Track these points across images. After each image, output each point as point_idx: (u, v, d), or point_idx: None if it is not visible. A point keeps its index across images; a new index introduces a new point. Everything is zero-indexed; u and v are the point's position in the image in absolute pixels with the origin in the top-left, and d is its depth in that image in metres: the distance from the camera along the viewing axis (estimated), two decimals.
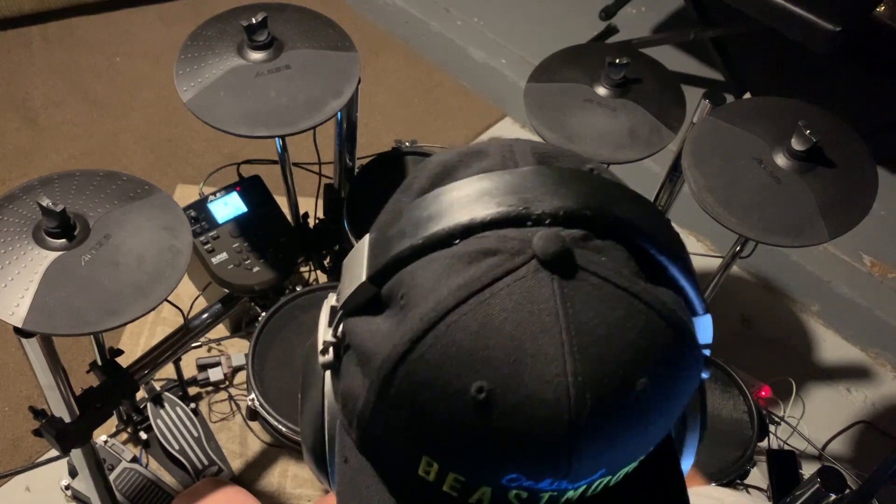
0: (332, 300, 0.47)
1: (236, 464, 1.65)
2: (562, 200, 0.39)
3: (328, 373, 0.46)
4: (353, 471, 0.44)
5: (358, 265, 0.43)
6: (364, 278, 0.42)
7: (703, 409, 0.49)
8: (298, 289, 1.42)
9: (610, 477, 0.41)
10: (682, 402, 0.42)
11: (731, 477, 1.46)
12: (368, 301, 0.42)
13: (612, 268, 0.39)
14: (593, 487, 0.41)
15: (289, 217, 1.54)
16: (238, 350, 1.79)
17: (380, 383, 0.39)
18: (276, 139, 1.40)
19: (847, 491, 1.30)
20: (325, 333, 0.46)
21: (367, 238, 0.44)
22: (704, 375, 0.45)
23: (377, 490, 0.43)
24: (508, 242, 0.38)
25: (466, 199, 0.40)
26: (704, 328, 0.44)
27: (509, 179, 0.41)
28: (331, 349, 0.45)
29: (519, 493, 0.39)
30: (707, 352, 0.45)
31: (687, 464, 0.50)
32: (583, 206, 0.40)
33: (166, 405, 1.63)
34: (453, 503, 0.41)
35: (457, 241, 0.39)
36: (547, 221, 0.39)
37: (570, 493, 0.40)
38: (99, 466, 1.35)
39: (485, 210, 0.39)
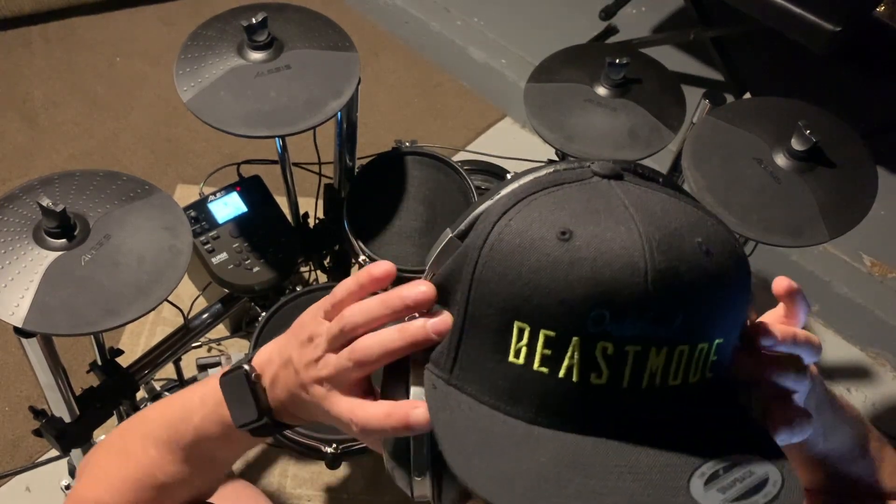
0: None
1: (236, 464, 1.65)
2: (606, 161, 0.48)
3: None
4: (444, 393, 0.47)
5: (442, 239, 0.49)
6: (451, 235, 0.48)
7: None
8: (298, 289, 1.42)
9: (688, 346, 0.43)
10: (738, 289, 0.45)
11: None
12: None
13: (657, 188, 0.47)
14: (675, 358, 0.43)
15: (289, 217, 1.54)
16: (238, 350, 1.79)
17: (474, 260, 0.45)
18: (276, 139, 1.40)
19: None
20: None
21: (447, 229, 0.50)
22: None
23: (466, 402, 0.46)
24: (572, 173, 0.47)
25: (529, 172, 0.49)
26: None
27: (568, 162, 0.49)
28: None
29: (605, 347, 0.42)
30: None
31: None
32: (629, 163, 0.49)
33: None
34: (545, 385, 0.43)
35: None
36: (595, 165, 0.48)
37: (653, 358, 0.42)
38: None
39: (546, 170, 0.48)
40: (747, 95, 2.18)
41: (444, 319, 0.47)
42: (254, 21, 1.22)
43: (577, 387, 0.42)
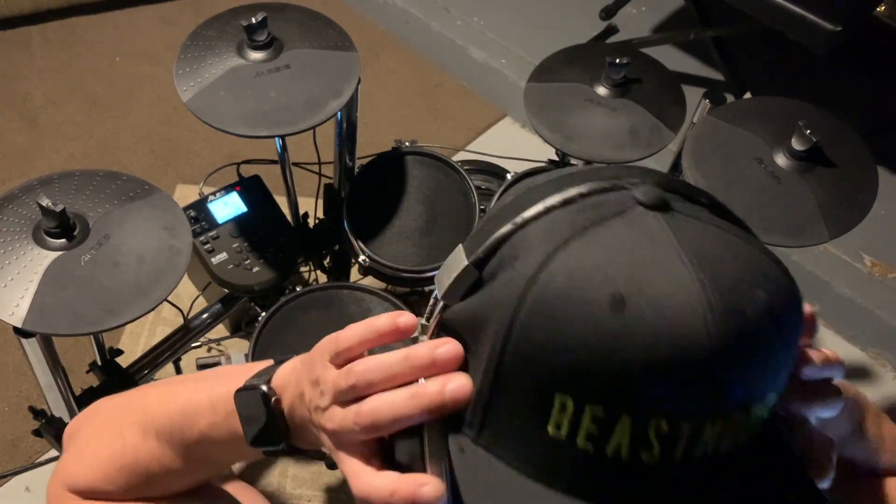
0: (421, 320, 0.48)
1: (236, 464, 1.65)
2: (648, 177, 0.44)
3: None
4: (473, 460, 0.43)
5: (455, 264, 0.45)
6: (466, 262, 0.43)
7: None
8: (298, 289, 1.42)
9: (744, 411, 0.40)
10: (797, 330, 0.43)
11: None
12: (471, 287, 0.44)
13: (707, 218, 0.42)
14: (730, 425, 0.40)
15: (289, 217, 1.54)
16: (238, 350, 1.79)
17: (508, 320, 0.40)
18: (276, 139, 1.40)
19: None
20: (420, 334, 0.47)
21: (459, 246, 0.45)
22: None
23: (502, 472, 0.42)
24: (612, 198, 0.42)
25: (559, 185, 0.44)
26: None
27: (593, 171, 0.44)
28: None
29: (659, 425, 0.38)
30: None
31: None
32: (667, 179, 0.44)
33: None
34: (588, 462, 0.39)
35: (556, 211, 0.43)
36: (638, 185, 0.43)
37: (709, 430, 0.39)
38: None
39: (579, 186, 0.43)
40: (747, 95, 2.18)
41: (464, 385, 0.42)
42: (254, 21, 1.22)
43: (627, 465, 0.39)
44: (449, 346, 0.44)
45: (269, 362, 0.56)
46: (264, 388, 0.53)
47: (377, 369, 0.44)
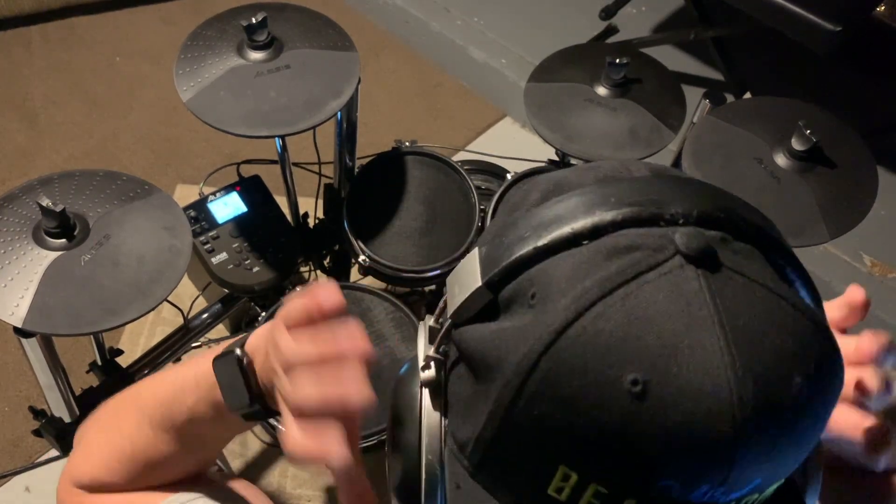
0: (429, 321, 0.46)
1: (236, 464, 1.65)
2: (692, 203, 0.38)
3: (427, 392, 0.44)
4: (468, 497, 0.41)
5: (468, 276, 0.41)
6: (480, 283, 0.40)
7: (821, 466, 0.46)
8: (298, 289, 1.42)
9: (758, 494, 0.38)
10: (829, 411, 0.39)
11: None
12: (484, 308, 0.41)
13: (756, 270, 0.37)
14: None
15: (289, 217, 1.54)
16: None
17: (518, 381, 0.37)
18: (276, 139, 1.40)
19: None
20: (425, 350, 0.44)
21: (475, 251, 0.42)
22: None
23: None
24: (648, 239, 0.37)
25: (590, 203, 0.39)
26: None
27: (630, 184, 0.40)
28: (432, 364, 0.43)
29: None
30: None
31: None
32: (714, 208, 0.38)
33: None
34: None
35: (585, 242, 0.38)
36: (681, 221, 0.38)
37: None
38: None
39: (612, 211, 0.38)
40: (747, 95, 2.18)
41: (365, 400, 0.44)
42: (254, 21, 1.22)
43: None
44: (329, 294, 0.47)
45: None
46: (238, 351, 0.54)
47: (296, 351, 0.47)
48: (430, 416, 0.43)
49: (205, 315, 1.47)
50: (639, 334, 0.35)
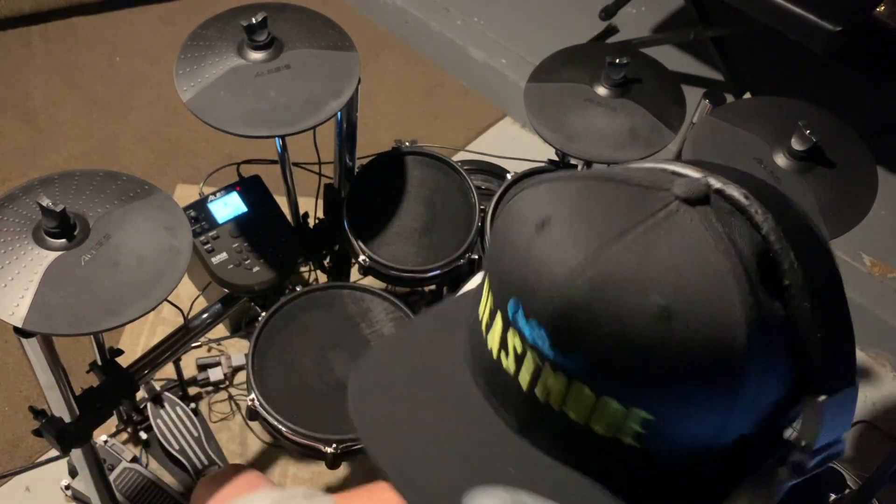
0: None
1: (238, 459, 1.65)
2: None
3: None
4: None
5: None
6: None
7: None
8: (298, 289, 1.42)
9: (589, 388, 0.42)
10: (696, 381, 0.40)
11: None
12: None
13: (737, 224, 0.42)
14: (574, 392, 0.41)
15: (289, 217, 1.54)
16: (238, 350, 1.79)
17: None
18: (276, 139, 1.40)
19: (847, 491, 1.30)
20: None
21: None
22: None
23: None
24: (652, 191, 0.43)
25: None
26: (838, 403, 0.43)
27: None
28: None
29: (515, 339, 0.44)
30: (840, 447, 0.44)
31: None
32: (721, 176, 0.44)
33: (166, 405, 1.63)
34: (478, 337, 0.47)
35: None
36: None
37: (548, 375, 0.42)
38: (99, 466, 1.35)
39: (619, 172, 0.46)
40: (747, 95, 2.18)
41: None
42: (254, 21, 1.22)
43: (496, 361, 0.45)
44: None
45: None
46: None
47: None
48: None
49: (205, 315, 1.47)
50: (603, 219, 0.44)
